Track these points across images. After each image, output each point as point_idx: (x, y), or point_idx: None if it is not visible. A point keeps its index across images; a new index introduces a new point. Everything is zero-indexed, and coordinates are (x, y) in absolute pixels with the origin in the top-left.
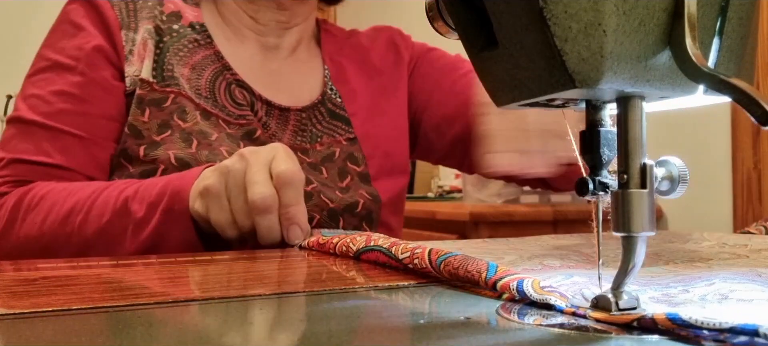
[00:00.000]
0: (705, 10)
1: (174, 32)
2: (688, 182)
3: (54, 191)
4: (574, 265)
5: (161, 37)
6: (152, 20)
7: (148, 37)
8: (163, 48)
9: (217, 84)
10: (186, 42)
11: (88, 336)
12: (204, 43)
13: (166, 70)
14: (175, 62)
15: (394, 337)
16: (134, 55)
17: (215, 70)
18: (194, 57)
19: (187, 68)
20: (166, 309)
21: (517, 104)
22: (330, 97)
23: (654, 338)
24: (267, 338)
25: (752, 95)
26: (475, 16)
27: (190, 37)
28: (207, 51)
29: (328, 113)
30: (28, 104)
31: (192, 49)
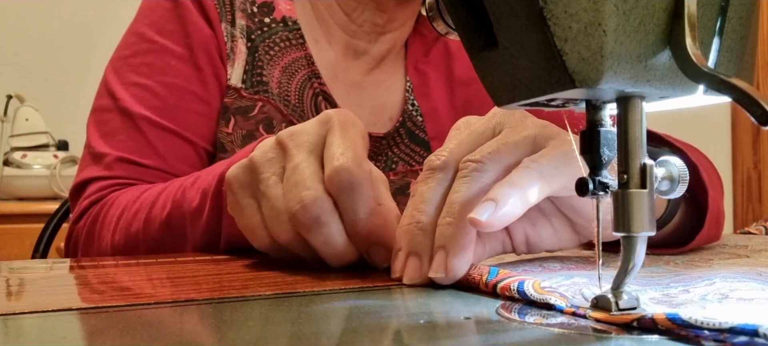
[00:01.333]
0: (705, 10)
1: (265, 27)
2: (687, 182)
3: (129, 192)
4: (573, 266)
5: (250, 35)
6: (244, 13)
7: (239, 36)
8: (253, 47)
9: (305, 93)
10: (278, 39)
11: (88, 336)
12: (296, 43)
13: (256, 73)
14: (265, 61)
15: (394, 337)
16: (235, 53)
17: (304, 76)
18: (285, 57)
19: (278, 69)
20: (166, 309)
21: (517, 104)
22: (411, 114)
23: (654, 338)
24: (267, 338)
25: (752, 95)
26: (475, 16)
27: (282, 34)
28: (298, 52)
29: (408, 135)
30: (132, 94)
31: (283, 49)
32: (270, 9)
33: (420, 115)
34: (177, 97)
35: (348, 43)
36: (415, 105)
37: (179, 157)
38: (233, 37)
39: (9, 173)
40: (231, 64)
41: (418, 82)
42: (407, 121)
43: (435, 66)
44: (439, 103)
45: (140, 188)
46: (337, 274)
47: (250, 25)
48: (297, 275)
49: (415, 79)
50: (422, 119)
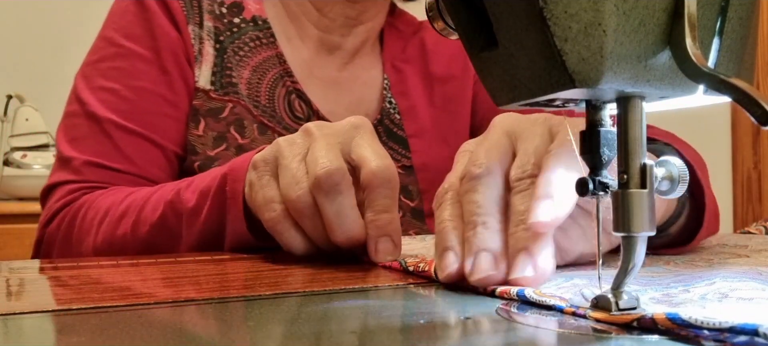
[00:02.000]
0: (705, 10)
1: (234, 27)
2: (687, 182)
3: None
4: (573, 267)
5: (218, 36)
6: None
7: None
8: (221, 48)
9: (277, 92)
10: (247, 39)
11: (88, 336)
12: (266, 42)
13: (225, 75)
14: (234, 63)
15: (394, 337)
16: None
17: (276, 75)
18: (255, 57)
19: (248, 70)
20: (166, 309)
21: (517, 104)
22: (388, 112)
23: (654, 338)
24: (266, 338)
25: (752, 95)
26: (475, 16)
27: (252, 34)
28: (269, 51)
29: (386, 132)
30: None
31: (253, 48)
32: (239, 9)
33: (398, 112)
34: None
35: (321, 38)
36: (393, 102)
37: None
38: (201, 39)
39: (9, 173)
40: (198, 66)
41: (396, 79)
42: (385, 119)
43: (412, 63)
44: (417, 100)
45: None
46: (337, 274)
47: (219, 26)
48: (297, 275)
49: (392, 77)
50: (400, 117)
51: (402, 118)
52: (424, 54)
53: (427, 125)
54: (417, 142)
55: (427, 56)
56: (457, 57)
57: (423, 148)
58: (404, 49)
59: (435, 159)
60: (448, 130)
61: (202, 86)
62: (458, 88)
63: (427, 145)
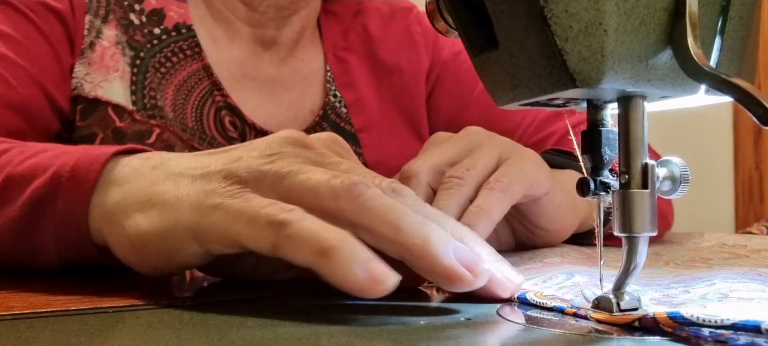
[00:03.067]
0: (706, 9)
1: (154, 39)
2: (689, 182)
3: None
4: (574, 261)
5: (138, 52)
6: (126, 24)
7: (118, 50)
8: (142, 64)
9: (205, 110)
10: (169, 53)
11: (87, 336)
12: (191, 53)
13: (148, 95)
14: (156, 81)
15: (394, 337)
16: (95, 52)
17: (203, 90)
18: (179, 73)
19: (172, 88)
20: (165, 310)
21: (517, 104)
22: (333, 106)
23: (655, 338)
24: (266, 338)
25: (754, 95)
26: (475, 16)
27: (175, 46)
28: (194, 64)
29: (332, 127)
30: None
31: (176, 63)
32: (160, 17)
33: (344, 106)
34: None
35: (253, 35)
36: (338, 95)
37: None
38: (99, 33)
39: None
40: (93, 64)
41: (339, 70)
42: (330, 113)
43: (356, 51)
44: (364, 92)
45: None
46: None
47: (138, 39)
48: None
49: (335, 68)
50: (347, 111)
51: (349, 111)
52: (369, 41)
53: (376, 118)
54: (367, 136)
55: (372, 43)
56: (402, 47)
57: (374, 142)
58: (345, 36)
59: (387, 155)
60: (399, 124)
61: (122, 103)
62: (409, 82)
63: (377, 140)
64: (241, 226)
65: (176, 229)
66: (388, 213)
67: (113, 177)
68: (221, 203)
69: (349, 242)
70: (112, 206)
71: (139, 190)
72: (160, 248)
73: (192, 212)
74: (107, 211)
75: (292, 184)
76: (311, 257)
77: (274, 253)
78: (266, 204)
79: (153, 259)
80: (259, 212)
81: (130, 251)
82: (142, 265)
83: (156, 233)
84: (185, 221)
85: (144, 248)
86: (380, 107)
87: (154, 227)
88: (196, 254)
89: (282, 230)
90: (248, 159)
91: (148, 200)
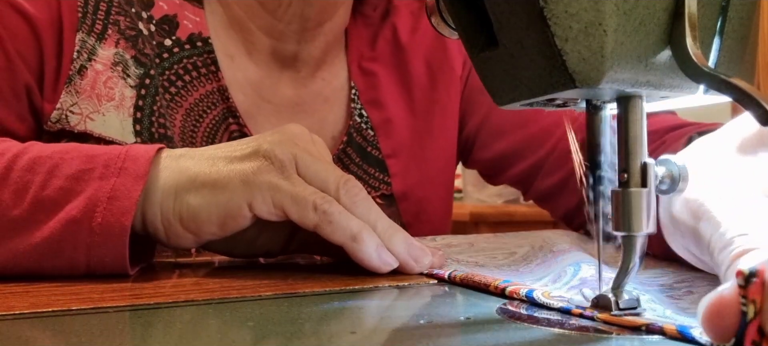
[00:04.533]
0: (705, 9)
1: (165, 52)
2: (688, 181)
3: None
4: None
5: (148, 69)
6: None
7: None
8: (151, 84)
9: (217, 140)
10: (181, 70)
11: (88, 336)
12: (206, 71)
13: (156, 122)
14: (165, 103)
15: (394, 337)
16: (85, 78)
17: (217, 116)
18: (192, 95)
19: (181, 112)
20: (166, 309)
21: (517, 104)
22: (359, 127)
23: (655, 338)
24: (267, 338)
25: (753, 95)
26: (475, 16)
27: (188, 62)
28: (209, 85)
29: (359, 152)
30: None
31: (189, 82)
32: (172, 25)
33: (370, 127)
34: None
35: (274, 49)
36: (364, 115)
37: None
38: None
39: None
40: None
41: (365, 85)
42: (356, 136)
43: (384, 61)
44: (393, 110)
45: None
46: (337, 274)
47: (147, 52)
48: (297, 275)
49: (360, 83)
50: (374, 133)
51: (376, 134)
52: (398, 48)
53: (406, 141)
54: (396, 163)
55: (402, 52)
56: (434, 49)
57: (402, 170)
58: (373, 42)
59: (415, 183)
60: (431, 148)
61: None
62: (436, 94)
63: (406, 167)
64: (292, 204)
65: (232, 200)
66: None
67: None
68: (270, 180)
69: (369, 233)
70: (154, 195)
71: (176, 175)
72: (213, 217)
73: (244, 186)
74: (149, 200)
75: (310, 169)
76: (344, 240)
77: (314, 229)
78: (311, 192)
79: (205, 227)
80: (308, 198)
81: (178, 225)
82: (186, 236)
83: (210, 205)
84: (240, 193)
85: (195, 219)
86: (410, 127)
87: (208, 202)
88: (247, 218)
89: (325, 216)
90: (275, 143)
91: (192, 182)
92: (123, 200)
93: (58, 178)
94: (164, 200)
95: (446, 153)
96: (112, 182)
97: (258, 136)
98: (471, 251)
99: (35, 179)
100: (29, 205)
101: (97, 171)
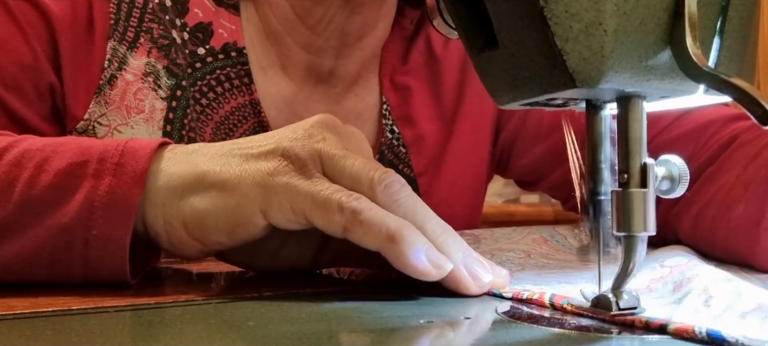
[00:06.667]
0: (706, 9)
1: (198, 61)
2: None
3: None
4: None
5: (179, 80)
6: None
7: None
8: (183, 96)
9: None
10: (213, 81)
11: (88, 336)
12: (239, 83)
13: (187, 136)
14: (195, 115)
15: (394, 337)
16: (115, 88)
17: (247, 131)
18: (223, 107)
19: (212, 125)
20: (166, 310)
21: (517, 104)
22: (390, 144)
23: (654, 338)
24: (267, 338)
25: (753, 95)
26: (475, 16)
27: (221, 73)
28: (242, 97)
29: None
30: None
31: (221, 94)
32: (207, 34)
33: (402, 144)
34: None
35: (310, 64)
36: (396, 131)
37: None
38: (123, 63)
39: None
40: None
41: (398, 100)
42: (387, 153)
43: (417, 74)
44: (425, 127)
45: None
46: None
47: (179, 62)
48: (297, 275)
49: (392, 99)
50: (406, 150)
51: (408, 151)
52: (432, 59)
53: (437, 160)
54: (427, 182)
55: (435, 62)
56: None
57: (434, 189)
58: (406, 54)
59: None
60: (461, 160)
61: None
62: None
63: (438, 187)
64: (313, 207)
65: (243, 205)
66: (415, 214)
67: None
68: (288, 182)
69: (413, 231)
70: (156, 194)
71: (184, 173)
72: (221, 224)
73: (258, 189)
74: (151, 200)
75: (337, 166)
76: (380, 242)
77: (343, 234)
78: (334, 190)
79: (211, 235)
80: (331, 197)
81: (182, 231)
82: (192, 245)
83: (218, 210)
84: (253, 197)
85: (200, 226)
86: (442, 142)
87: (216, 205)
88: (260, 227)
89: (354, 216)
90: (297, 139)
91: (199, 182)
92: (120, 209)
93: (47, 173)
94: (168, 201)
95: (475, 167)
96: (108, 183)
97: (281, 130)
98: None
99: (22, 175)
100: (15, 206)
101: (90, 166)
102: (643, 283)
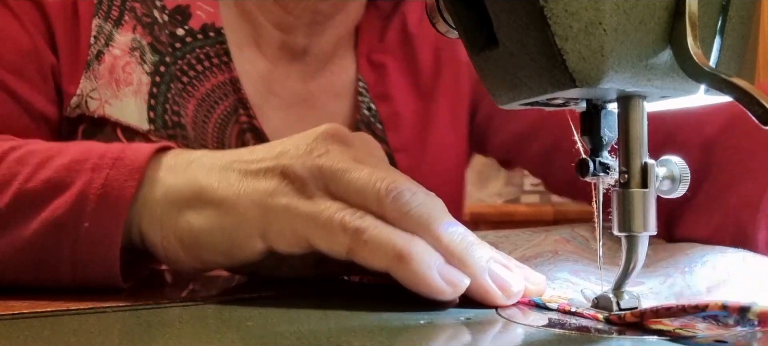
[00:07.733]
0: (706, 8)
1: (177, 42)
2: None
3: None
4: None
5: (163, 57)
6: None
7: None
8: (167, 71)
9: (227, 131)
10: (193, 60)
11: (86, 336)
12: (219, 61)
13: (170, 109)
14: (178, 91)
15: (394, 337)
16: (103, 63)
17: (227, 108)
18: (204, 84)
19: (193, 102)
20: (166, 310)
21: (517, 103)
22: (367, 121)
23: (653, 338)
24: (267, 337)
25: (753, 94)
26: (475, 16)
27: (200, 52)
28: (221, 75)
29: None
30: None
31: (201, 72)
32: (185, 15)
33: (378, 121)
34: None
35: (283, 42)
36: (372, 108)
37: None
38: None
39: None
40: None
41: (374, 79)
42: (363, 130)
43: (393, 53)
44: (401, 105)
45: None
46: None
47: (162, 39)
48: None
49: (369, 77)
50: (382, 126)
51: (384, 127)
52: (407, 38)
53: (414, 135)
54: (403, 158)
55: (410, 40)
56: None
57: (411, 166)
58: (383, 33)
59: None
60: (439, 138)
61: (136, 126)
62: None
63: (415, 164)
64: (314, 229)
65: (240, 228)
66: (428, 226)
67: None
68: (288, 203)
69: (423, 247)
70: (154, 204)
71: (182, 185)
72: (216, 245)
73: (256, 210)
74: (148, 209)
75: (341, 182)
76: (388, 262)
77: (348, 256)
78: (336, 209)
79: (206, 255)
80: (333, 217)
81: (178, 248)
82: (189, 262)
83: (214, 230)
84: (251, 219)
85: (196, 244)
86: (419, 119)
87: (211, 225)
88: (257, 251)
89: (357, 236)
90: (298, 155)
91: (197, 197)
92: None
93: (47, 169)
94: (165, 215)
95: (456, 145)
96: (105, 175)
97: (283, 143)
98: None
99: (23, 170)
100: (11, 198)
101: (90, 162)
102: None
